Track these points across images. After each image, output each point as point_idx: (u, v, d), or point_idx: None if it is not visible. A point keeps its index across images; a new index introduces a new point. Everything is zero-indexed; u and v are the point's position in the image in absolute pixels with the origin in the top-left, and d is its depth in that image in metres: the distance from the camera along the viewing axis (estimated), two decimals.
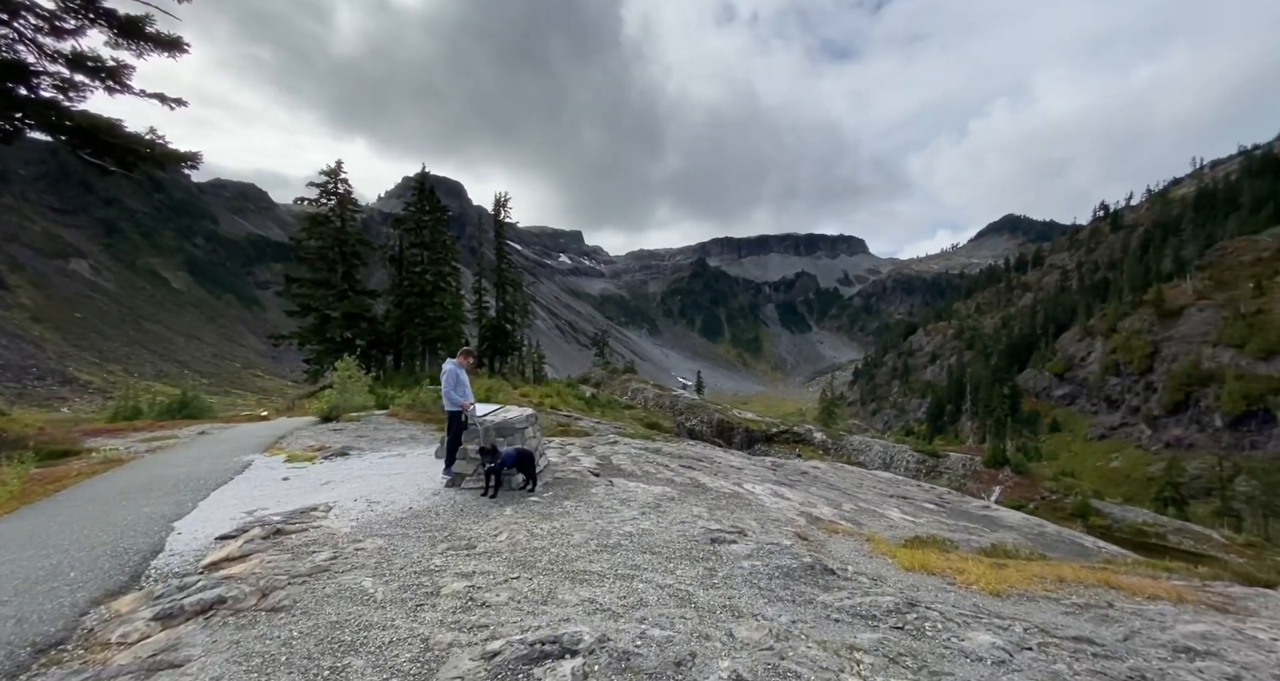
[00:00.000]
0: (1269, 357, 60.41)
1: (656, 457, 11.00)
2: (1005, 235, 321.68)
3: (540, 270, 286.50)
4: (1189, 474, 55.59)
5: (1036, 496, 41.66)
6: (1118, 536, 33.97)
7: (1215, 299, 71.18)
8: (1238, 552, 33.54)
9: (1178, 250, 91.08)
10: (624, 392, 60.17)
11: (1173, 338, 71.82)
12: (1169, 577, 4.84)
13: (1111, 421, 73.28)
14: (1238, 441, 57.98)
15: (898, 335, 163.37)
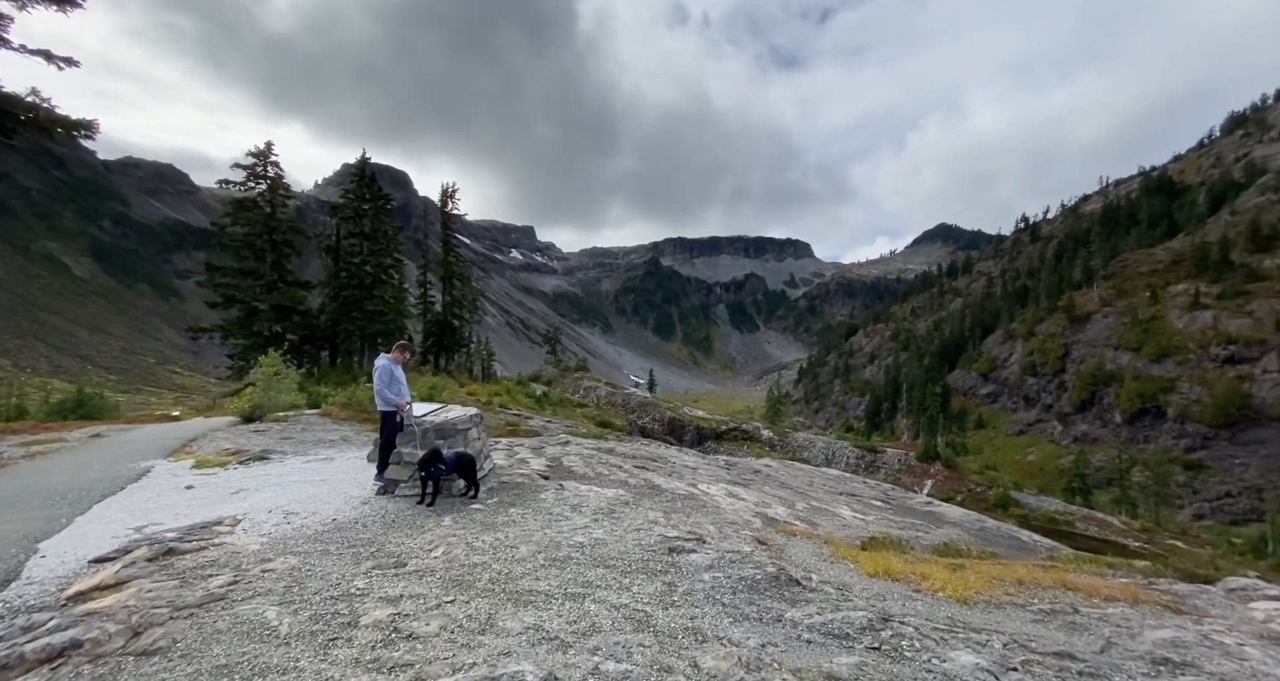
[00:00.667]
0: (1160, 360, 66.99)
1: (609, 458, 10.68)
2: (938, 243, 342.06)
3: (491, 265, 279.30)
4: (1093, 465, 60.80)
5: (964, 489, 44.15)
6: (1035, 525, 36.52)
7: (1117, 306, 78.25)
8: (1134, 536, 36.79)
9: (1086, 261, 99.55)
10: (576, 391, 59.41)
11: (1081, 341, 78.41)
12: (1114, 575, 4.96)
13: (1029, 418, 79.17)
14: (1134, 436, 63.95)
15: (840, 336, 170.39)
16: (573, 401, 51.32)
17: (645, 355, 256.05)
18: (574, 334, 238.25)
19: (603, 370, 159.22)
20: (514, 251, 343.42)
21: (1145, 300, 74.70)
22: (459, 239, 38.15)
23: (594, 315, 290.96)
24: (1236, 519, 50.86)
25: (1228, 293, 67.98)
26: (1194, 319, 68.06)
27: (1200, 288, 70.99)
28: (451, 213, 33.50)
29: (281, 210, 26.24)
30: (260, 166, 25.89)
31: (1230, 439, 56.88)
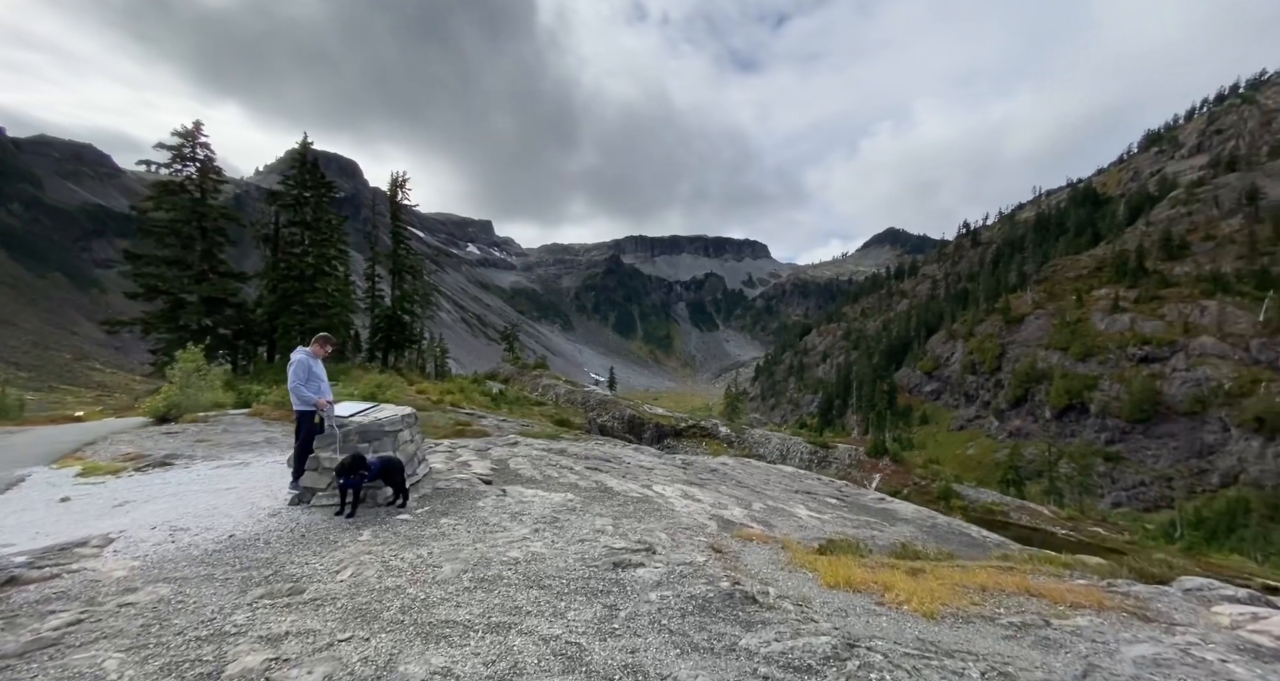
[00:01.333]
0: (1085, 359, 71.83)
1: (561, 459, 10.23)
2: (887, 246, 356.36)
3: (446, 260, 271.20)
4: (1025, 458, 64.55)
5: (910, 483, 45.81)
6: (974, 516, 38.27)
7: (1048, 309, 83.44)
8: (1061, 525, 39.12)
9: (1021, 266, 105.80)
10: (535, 389, 58.26)
11: (1016, 341, 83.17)
12: (1072, 576, 4.88)
13: (969, 414, 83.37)
14: (1061, 430, 68.34)
15: (795, 335, 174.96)
16: (531, 399, 50.23)
17: (606, 353, 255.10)
18: (533, 331, 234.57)
19: (563, 368, 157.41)
20: (471, 246, 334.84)
21: (1072, 303, 79.94)
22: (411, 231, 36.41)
23: (554, 312, 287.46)
24: (1149, 506, 55.08)
25: (1143, 297, 73.56)
26: (1114, 321, 73.29)
27: (1119, 292, 76.53)
28: (402, 203, 31.86)
29: (213, 195, 24.16)
30: (188, 147, 23.71)
31: (1144, 432, 61.56)
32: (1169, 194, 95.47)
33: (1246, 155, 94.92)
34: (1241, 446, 54.49)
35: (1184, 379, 62.07)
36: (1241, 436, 54.87)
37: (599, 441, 14.69)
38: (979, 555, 7.83)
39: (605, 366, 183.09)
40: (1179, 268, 76.15)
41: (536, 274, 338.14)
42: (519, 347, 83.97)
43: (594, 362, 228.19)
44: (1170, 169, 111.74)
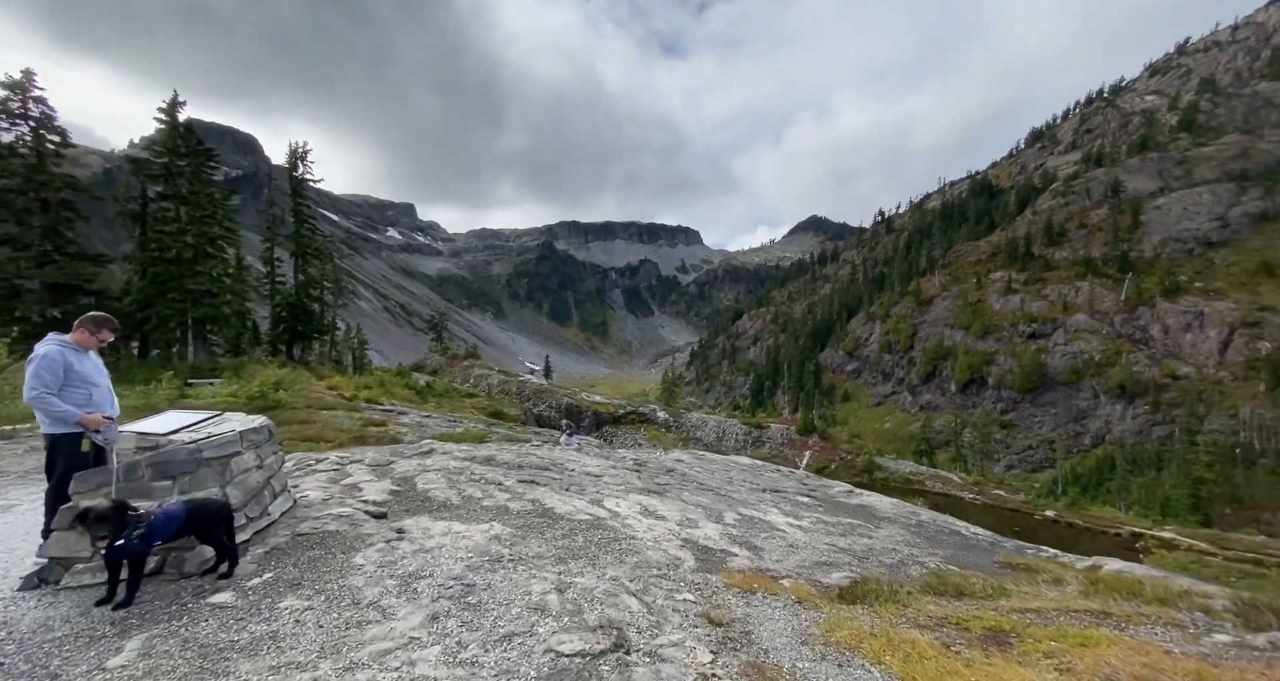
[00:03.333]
0: (984, 337, 78.98)
1: (487, 471, 8.67)
2: (811, 233, 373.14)
3: (364, 245, 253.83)
4: (935, 429, 70.30)
5: (837, 458, 48.38)
6: (894, 486, 41.03)
7: (952, 291, 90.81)
8: (969, 490, 42.80)
9: (929, 251, 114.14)
10: (466, 379, 55.91)
11: (926, 321, 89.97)
12: (1200, 626, 4.25)
13: (886, 390, 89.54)
14: (965, 402, 75.00)
15: (727, 320, 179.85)
16: (462, 391, 48.14)
17: (541, 340, 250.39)
18: (463, 319, 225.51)
19: (496, 357, 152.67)
20: (391, 230, 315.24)
21: (973, 286, 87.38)
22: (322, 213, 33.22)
23: (485, 299, 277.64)
24: (1036, 467, 61.73)
25: (1031, 279, 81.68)
26: (1007, 302, 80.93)
27: (1012, 275, 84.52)
28: (305, 178, 28.80)
29: (54, 161, 20.50)
30: (18, 103, 19.91)
31: (1032, 401, 68.76)
32: (1050, 186, 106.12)
33: (1110, 153, 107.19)
34: (1108, 410, 62.10)
35: (1063, 352, 69.71)
36: (1108, 402, 62.51)
37: (534, 445, 13.56)
38: (983, 562, 7.27)
39: (541, 354, 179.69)
40: (1059, 253, 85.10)
41: (465, 260, 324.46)
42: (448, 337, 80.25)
43: (529, 351, 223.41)
44: (1051, 163, 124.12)
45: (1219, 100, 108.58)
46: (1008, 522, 30.04)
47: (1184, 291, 66.96)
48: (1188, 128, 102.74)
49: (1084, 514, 35.80)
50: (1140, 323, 67.13)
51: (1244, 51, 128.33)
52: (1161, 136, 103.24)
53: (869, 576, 5.49)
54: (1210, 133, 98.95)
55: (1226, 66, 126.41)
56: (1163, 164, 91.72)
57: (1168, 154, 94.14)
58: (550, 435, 24.19)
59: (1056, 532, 31.16)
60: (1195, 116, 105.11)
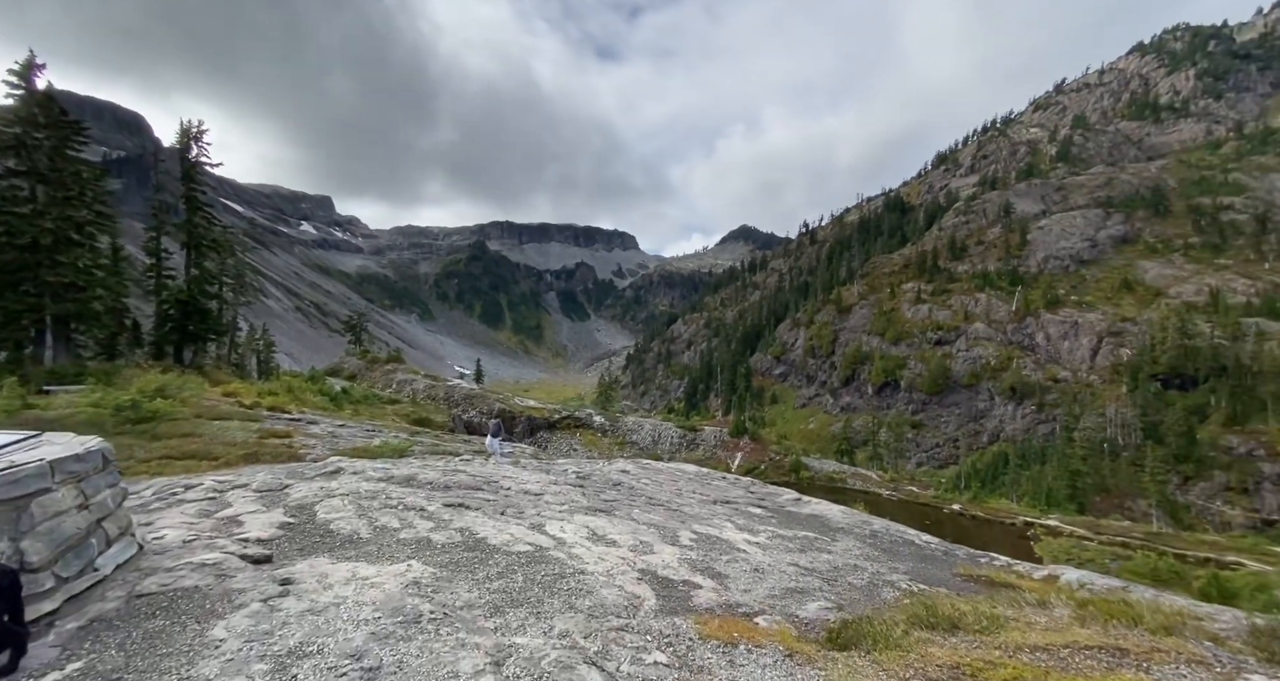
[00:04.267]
0: (897, 343, 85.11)
1: (407, 494, 7.48)
2: (742, 242, 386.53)
3: (274, 239, 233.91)
4: (855, 429, 74.69)
5: (767, 458, 50.04)
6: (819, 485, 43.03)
7: (870, 300, 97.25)
8: (885, 486, 45.64)
9: (849, 262, 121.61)
10: (388, 385, 52.74)
11: (846, 328, 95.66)
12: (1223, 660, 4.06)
13: (810, 393, 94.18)
14: (881, 403, 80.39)
15: (662, 324, 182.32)
16: (382, 397, 45.34)
17: (471, 344, 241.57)
18: (385, 321, 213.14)
19: (422, 361, 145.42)
20: (305, 224, 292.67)
21: (888, 295, 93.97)
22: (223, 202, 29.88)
23: (410, 300, 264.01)
24: (942, 463, 67.12)
25: (937, 290, 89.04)
26: (917, 310, 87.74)
27: (921, 286, 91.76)
28: (199, 161, 25.84)
29: None
30: None
31: (938, 403, 74.81)
32: (953, 205, 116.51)
33: (1003, 177, 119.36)
34: (1001, 411, 68.68)
35: (965, 358, 76.41)
36: (1001, 403, 69.17)
37: (463, 459, 12.59)
38: (944, 575, 7.10)
39: (471, 358, 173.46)
40: (961, 266, 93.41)
41: (389, 258, 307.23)
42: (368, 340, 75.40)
43: (458, 355, 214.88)
44: (954, 184, 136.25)
45: (1089, 135, 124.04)
46: (920, 517, 32.18)
47: (1062, 304, 75.60)
48: (1064, 158, 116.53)
49: (984, 506, 39.14)
50: (1028, 331, 74.99)
51: (1109, 93, 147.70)
52: (1043, 165, 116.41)
53: (846, 604, 5.25)
54: (1082, 163, 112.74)
55: (1095, 106, 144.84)
56: (1045, 189, 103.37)
57: (1049, 180, 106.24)
58: (482, 444, 22.95)
59: (961, 525, 33.77)
60: (1070, 148, 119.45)
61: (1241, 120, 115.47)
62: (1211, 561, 26.69)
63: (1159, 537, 31.42)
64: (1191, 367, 57.12)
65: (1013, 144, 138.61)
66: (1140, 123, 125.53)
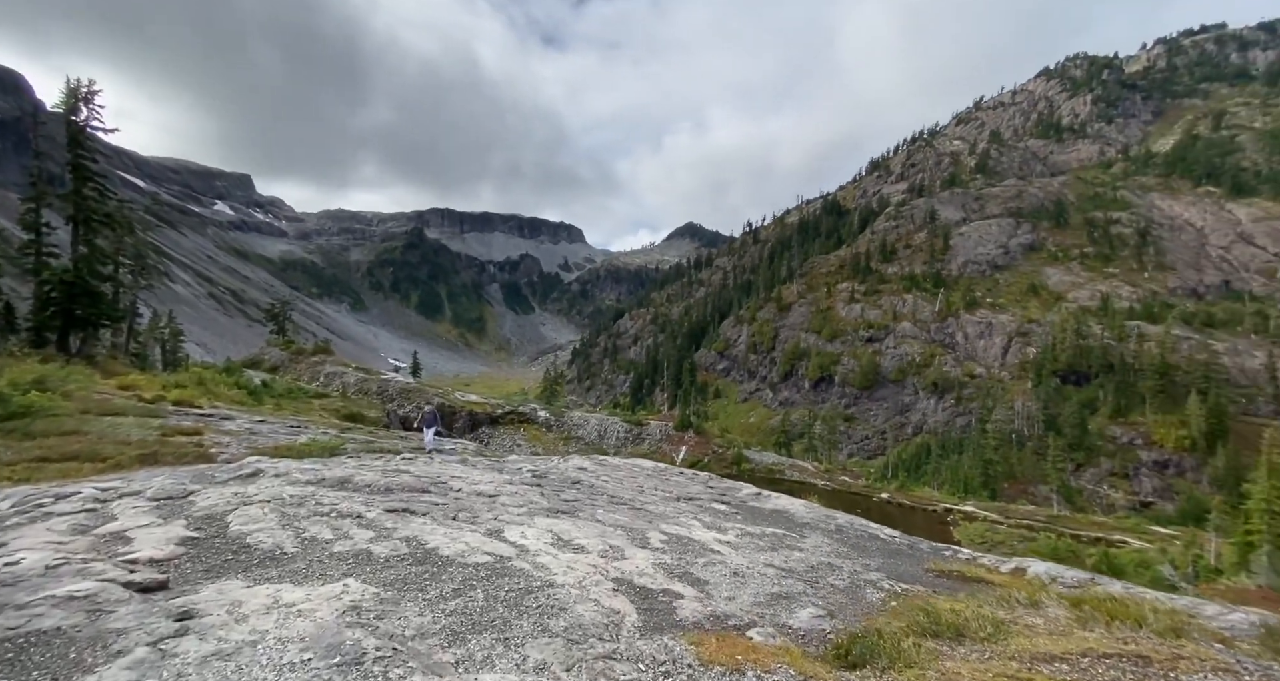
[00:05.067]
0: (832, 340, 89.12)
1: (341, 498, 6.68)
2: (688, 239, 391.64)
3: (183, 218, 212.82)
4: (792, 423, 77.66)
5: (710, 451, 50.91)
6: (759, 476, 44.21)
7: (808, 299, 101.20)
8: (820, 477, 47.56)
9: (789, 262, 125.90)
10: (314, 378, 49.38)
11: (786, 325, 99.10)
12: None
13: (751, 388, 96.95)
14: (816, 398, 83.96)
15: (609, 319, 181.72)
16: (308, 391, 42.34)
17: (408, 336, 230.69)
18: (313, 310, 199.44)
19: (353, 353, 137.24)
20: (221, 204, 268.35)
21: (824, 294, 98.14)
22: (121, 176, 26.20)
23: (341, 289, 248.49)
24: (871, 454, 70.97)
25: (869, 290, 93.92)
26: (851, 309, 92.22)
27: (854, 286, 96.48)
28: (90, 126, 22.65)
29: None
30: None
31: (869, 397, 79.06)
32: (885, 210, 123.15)
33: (929, 185, 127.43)
34: (925, 405, 73.44)
35: (893, 355, 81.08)
36: (925, 397, 73.97)
37: (405, 459, 11.60)
38: (916, 571, 7.02)
39: (407, 351, 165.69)
40: (890, 268, 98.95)
41: (317, 244, 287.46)
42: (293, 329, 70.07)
43: (393, 347, 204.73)
44: (885, 190, 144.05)
45: (1003, 150, 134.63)
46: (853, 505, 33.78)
47: (979, 305, 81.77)
48: (982, 170, 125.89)
49: (909, 494, 41.58)
50: (949, 331, 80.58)
51: (1020, 112, 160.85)
52: (964, 175, 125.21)
53: (835, 610, 5.00)
54: (997, 175, 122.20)
55: (1008, 123, 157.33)
56: (965, 198, 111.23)
57: (969, 190, 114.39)
58: (422, 441, 21.55)
59: (889, 512, 35.69)
60: (987, 161, 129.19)
61: (1128, 143, 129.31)
62: (1101, 540, 29.44)
63: (1058, 520, 34.54)
64: (1085, 365, 63.43)
65: (938, 154, 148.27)
66: (1046, 141, 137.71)
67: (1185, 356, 59.99)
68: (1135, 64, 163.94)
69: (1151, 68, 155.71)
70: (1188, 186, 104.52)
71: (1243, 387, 58.21)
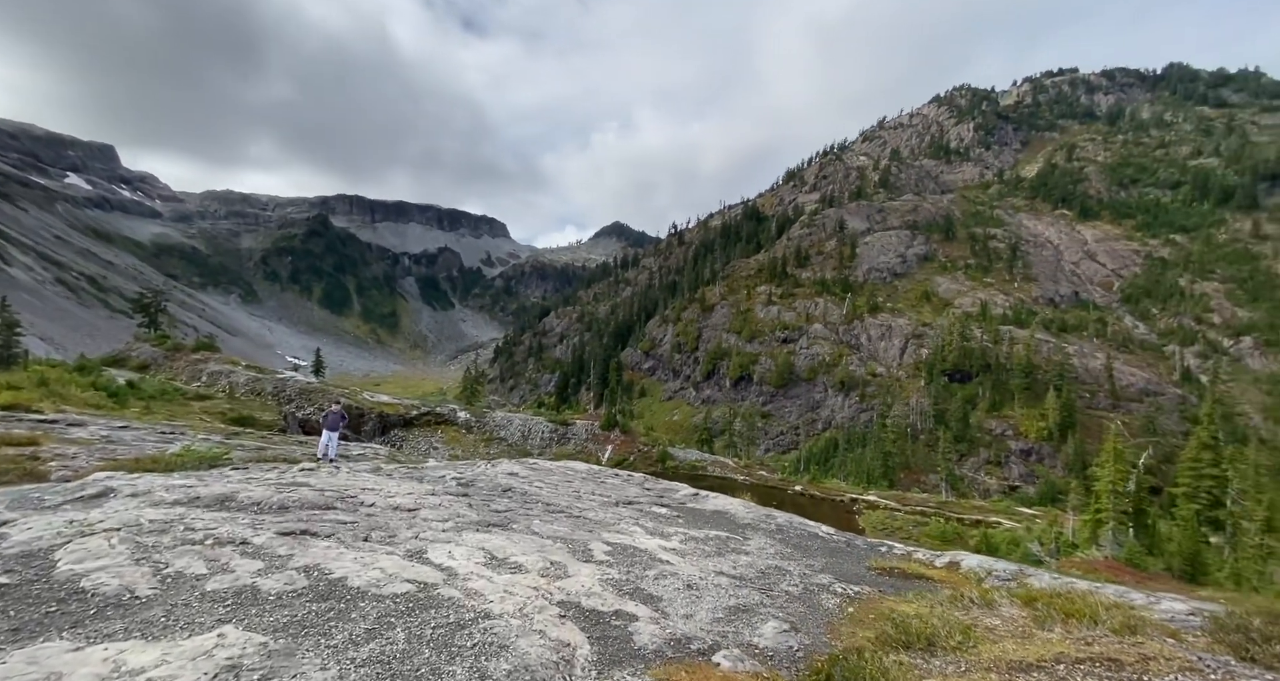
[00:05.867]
0: (751, 340, 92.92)
1: (221, 520, 5.64)
2: (614, 238, 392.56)
3: (23, 191, 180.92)
4: (714, 420, 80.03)
5: (636, 450, 51.07)
6: (681, 473, 44.96)
7: (729, 300, 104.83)
8: (740, 472, 49.18)
9: (712, 264, 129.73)
10: (195, 377, 43.97)
11: (709, 326, 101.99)
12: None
13: (675, 387, 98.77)
14: (737, 396, 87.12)
15: (534, 317, 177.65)
16: (187, 392, 37.63)
17: (309, 332, 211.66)
18: (195, 302, 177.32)
19: (244, 350, 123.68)
20: (75, 177, 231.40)
21: (744, 297, 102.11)
22: None
23: (228, 278, 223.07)
24: (786, 449, 74.72)
25: (785, 294, 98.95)
26: (769, 311, 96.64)
27: (772, 289, 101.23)
28: None
29: None
30: None
31: (784, 395, 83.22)
32: (800, 218, 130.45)
33: (838, 196, 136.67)
34: (834, 401, 78.45)
35: (806, 355, 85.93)
36: (833, 394, 79.01)
37: (303, 470, 10.20)
38: (859, 570, 6.98)
39: (309, 348, 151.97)
40: (804, 273, 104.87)
41: (200, 227, 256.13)
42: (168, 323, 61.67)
43: (292, 343, 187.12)
44: (800, 199, 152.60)
45: (902, 167, 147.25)
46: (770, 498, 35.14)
47: (880, 310, 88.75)
48: (884, 185, 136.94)
49: (820, 486, 44.05)
50: (855, 332, 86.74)
51: (916, 134, 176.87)
52: (869, 189, 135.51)
53: (798, 622, 4.77)
54: (897, 190, 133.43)
55: (906, 143, 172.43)
56: (870, 210, 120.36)
57: (873, 203, 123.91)
58: (344, 449, 19.31)
59: (802, 503, 37.55)
60: (889, 177, 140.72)
61: (1002, 168, 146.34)
62: (981, 522, 32.64)
63: (946, 505, 37.99)
64: (968, 365, 70.77)
65: (847, 168, 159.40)
66: (937, 161, 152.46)
67: (1045, 358, 68.80)
68: (1008, 98, 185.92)
69: (1021, 103, 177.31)
70: (1048, 209, 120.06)
71: (1087, 384, 67.62)
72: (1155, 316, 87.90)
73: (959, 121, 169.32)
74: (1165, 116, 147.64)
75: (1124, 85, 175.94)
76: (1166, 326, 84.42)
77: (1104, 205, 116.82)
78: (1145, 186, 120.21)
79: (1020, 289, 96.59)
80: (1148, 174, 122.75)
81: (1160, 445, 54.04)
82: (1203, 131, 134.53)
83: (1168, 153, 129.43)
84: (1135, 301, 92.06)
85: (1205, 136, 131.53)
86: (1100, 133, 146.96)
